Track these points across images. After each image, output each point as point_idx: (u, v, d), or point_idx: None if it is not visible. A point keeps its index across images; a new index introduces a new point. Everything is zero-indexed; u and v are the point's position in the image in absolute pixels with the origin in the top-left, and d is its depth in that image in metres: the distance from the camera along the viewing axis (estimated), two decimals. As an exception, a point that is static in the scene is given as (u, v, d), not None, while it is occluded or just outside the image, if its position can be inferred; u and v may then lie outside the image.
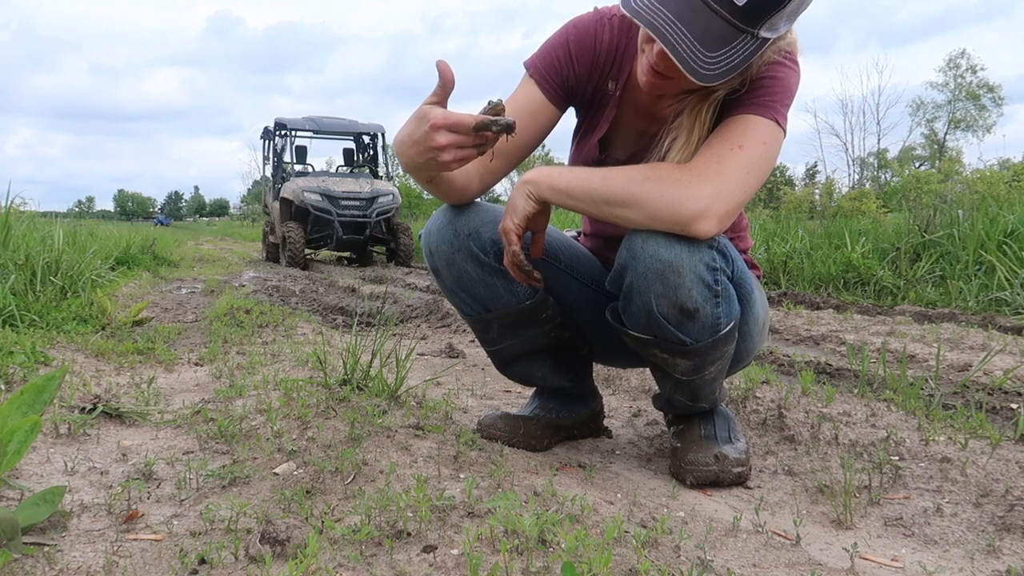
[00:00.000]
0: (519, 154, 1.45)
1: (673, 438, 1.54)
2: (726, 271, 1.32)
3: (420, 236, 1.55)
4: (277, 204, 10.70)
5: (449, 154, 1.18)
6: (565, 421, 1.68)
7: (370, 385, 1.85)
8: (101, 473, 1.39)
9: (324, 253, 11.76)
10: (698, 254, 1.26)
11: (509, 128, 1.16)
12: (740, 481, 1.45)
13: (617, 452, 1.69)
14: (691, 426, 1.52)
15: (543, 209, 1.34)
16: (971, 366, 2.47)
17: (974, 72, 36.21)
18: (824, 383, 2.07)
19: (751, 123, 1.28)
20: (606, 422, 1.81)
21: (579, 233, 1.74)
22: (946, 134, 37.34)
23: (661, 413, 1.93)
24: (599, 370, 2.43)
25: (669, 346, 1.34)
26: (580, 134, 1.55)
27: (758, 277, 1.56)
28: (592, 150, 1.49)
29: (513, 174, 1.50)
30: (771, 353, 2.78)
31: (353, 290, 5.78)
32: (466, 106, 1.58)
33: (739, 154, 1.25)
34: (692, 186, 1.23)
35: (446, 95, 1.20)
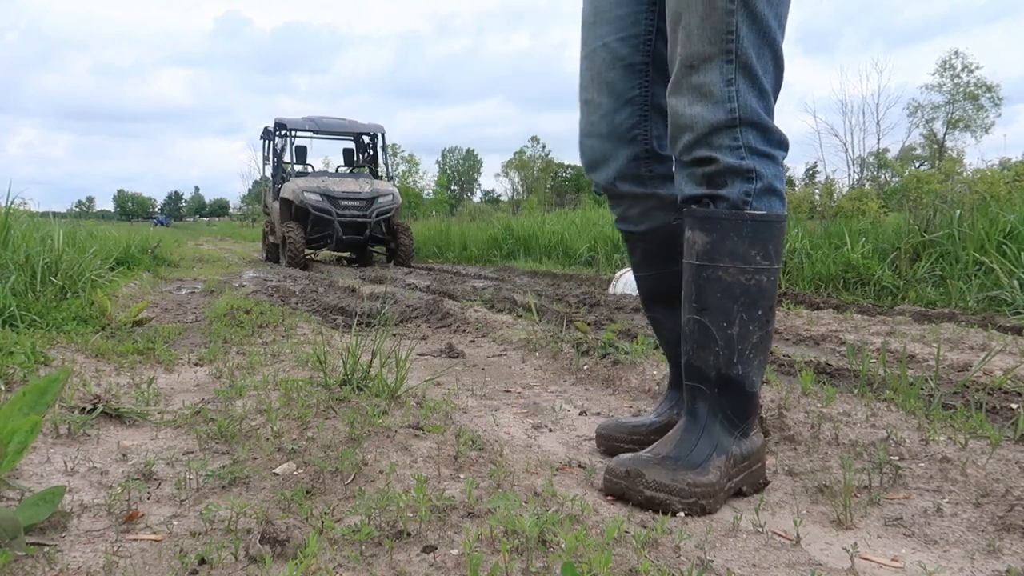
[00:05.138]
0: None
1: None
2: (753, 147, 1.33)
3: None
4: (277, 204, 10.70)
5: None
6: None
7: (370, 385, 1.85)
8: (101, 473, 1.39)
9: (324, 253, 11.76)
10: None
11: None
12: (651, 506, 1.27)
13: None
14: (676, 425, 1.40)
15: None
16: (971, 366, 2.47)
17: (970, 72, 36.21)
18: (824, 383, 2.07)
19: None
20: None
21: None
22: (945, 134, 37.33)
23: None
24: (599, 371, 2.43)
25: (698, 212, 1.34)
26: None
27: None
28: None
29: None
30: (771, 353, 2.78)
31: (353, 290, 5.78)
32: (472, 106, 1.60)
33: None
34: None
35: None
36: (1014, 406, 1.93)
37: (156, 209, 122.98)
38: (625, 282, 5.31)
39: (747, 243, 1.31)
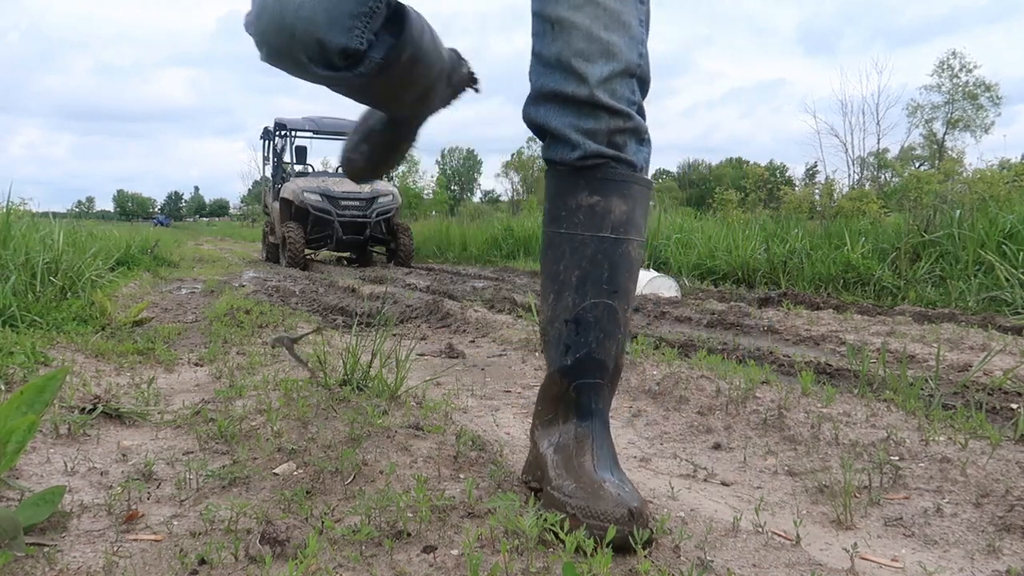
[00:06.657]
0: None
1: (553, 463, 1.15)
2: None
3: None
4: (277, 204, 10.71)
5: None
6: None
7: (370, 385, 1.85)
8: (101, 473, 1.39)
9: (324, 253, 11.77)
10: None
11: None
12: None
13: (617, 453, 1.68)
14: (580, 444, 1.16)
15: None
16: (971, 366, 2.47)
17: (968, 71, 36.20)
18: (824, 383, 2.08)
19: None
20: None
21: None
22: (944, 135, 37.33)
23: (661, 414, 1.93)
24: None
25: (617, 175, 1.17)
26: None
27: None
28: None
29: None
30: (771, 353, 2.78)
31: (353, 290, 5.78)
32: (472, 107, 1.60)
33: None
34: None
35: None
36: (1014, 406, 1.93)
37: (156, 209, 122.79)
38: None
39: (644, 212, 1.21)
